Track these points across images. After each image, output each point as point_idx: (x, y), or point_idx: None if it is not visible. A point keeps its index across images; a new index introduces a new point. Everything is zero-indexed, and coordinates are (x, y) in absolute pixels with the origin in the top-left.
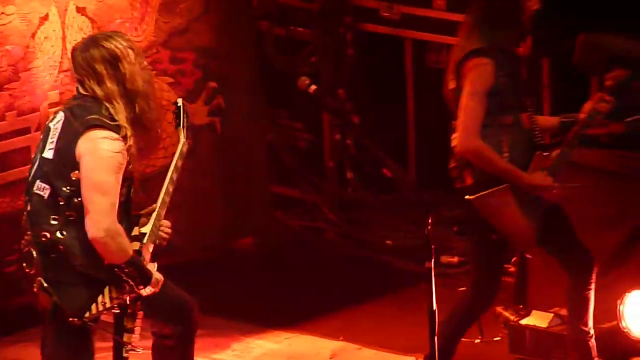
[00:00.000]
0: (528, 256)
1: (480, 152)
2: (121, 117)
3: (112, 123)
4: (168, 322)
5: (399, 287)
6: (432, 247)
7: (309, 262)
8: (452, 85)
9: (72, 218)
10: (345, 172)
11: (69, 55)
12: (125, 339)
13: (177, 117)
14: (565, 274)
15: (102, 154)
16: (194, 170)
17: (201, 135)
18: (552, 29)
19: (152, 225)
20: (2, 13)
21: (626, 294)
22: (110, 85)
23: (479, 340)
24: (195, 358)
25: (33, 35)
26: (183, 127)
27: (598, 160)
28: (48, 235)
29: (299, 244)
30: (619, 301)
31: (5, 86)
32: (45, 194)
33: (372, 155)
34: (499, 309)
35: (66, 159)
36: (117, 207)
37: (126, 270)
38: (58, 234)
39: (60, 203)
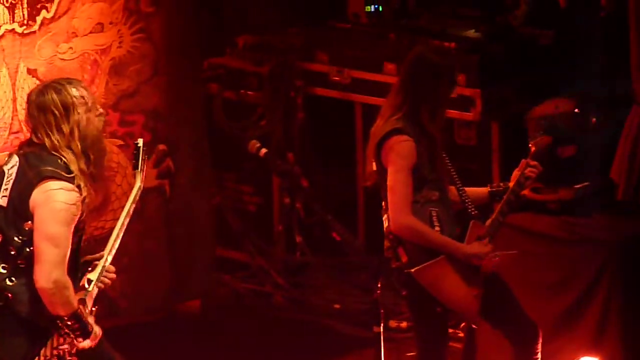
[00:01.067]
0: (474, 326)
1: (414, 228)
2: (74, 167)
3: (66, 175)
4: None
5: (346, 351)
6: (381, 311)
7: (255, 327)
8: (374, 167)
9: (22, 266)
10: (294, 236)
11: (19, 116)
12: None
13: (136, 158)
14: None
15: (55, 206)
16: (141, 232)
17: (150, 198)
18: (501, 93)
19: (99, 273)
20: None
21: None
22: (58, 135)
23: None
24: None
25: None
26: (141, 170)
27: (547, 227)
28: None
29: (246, 308)
30: None
31: None
32: None
33: (321, 219)
34: None
35: (19, 210)
36: (67, 258)
37: (69, 322)
38: (7, 281)
39: (12, 252)
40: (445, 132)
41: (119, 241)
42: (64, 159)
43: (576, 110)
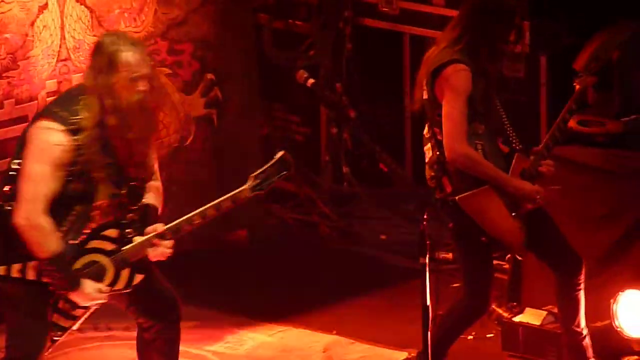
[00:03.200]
0: (519, 258)
1: (471, 157)
2: (86, 114)
3: (65, 116)
4: (150, 316)
5: (391, 282)
6: (427, 242)
7: (302, 256)
8: (425, 95)
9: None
10: (341, 166)
11: (67, 44)
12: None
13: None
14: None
15: (38, 144)
16: (190, 161)
17: (198, 127)
18: (550, 26)
19: (144, 240)
20: (2, 1)
21: (619, 293)
22: (95, 81)
23: (471, 337)
24: (188, 349)
25: (32, 24)
26: (259, 177)
27: (594, 159)
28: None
29: (293, 238)
30: (612, 300)
31: (4, 74)
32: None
33: (368, 149)
34: (493, 306)
35: (20, 141)
36: (47, 198)
37: (47, 267)
38: (5, 206)
39: (11, 174)
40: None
41: (190, 226)
42: (83, 102)
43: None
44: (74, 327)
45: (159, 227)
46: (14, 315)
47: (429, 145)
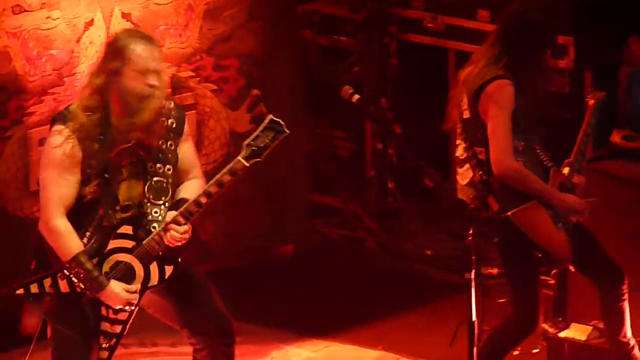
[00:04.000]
0: (571, 269)
1: (519, 172)
2: (75, 107)
3: (66, 113)
4: (203, 338)
5: (437, 297)
6: (472, 257)
7: (347, 271)
8: (465, 115)
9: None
10: (386, 182)
11: None
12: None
13: (263, 132)
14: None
15: (46, 149)
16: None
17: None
18: (595, 41)
19: (159, 229)
20: (48, 17)
21: None
22: (94, 78)
23: (517, 353)
24: None
25: (78, 40)
26: (253, 146)
27: (638, 174)
28: None
29: (338, 253)
30: None
31: (50, 90)
32: None
33: (413, 164)
34: None
35: None
36: (61, 202)
37: (72, 270)
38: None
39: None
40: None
41: (196, 208)
42: (87, 97)
43: None
44: (125, 332)
45: (172, 215)
46: (56, 330)
47: (466, 166)
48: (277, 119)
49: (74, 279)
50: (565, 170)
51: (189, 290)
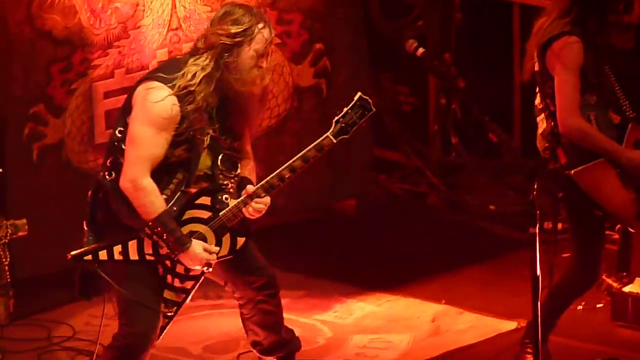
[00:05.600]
0: (631, 230)
1: (584, 130)
2: (194, 73)
3: (169, 77)
4: (246, 292)
5: (500, 252)
6: (537, 212)
7: (410, 226)
8: (536, 67)
9: (120, 161)
10: (450, 137)
11: (178, 13)
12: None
13: (352, 109)
14: None
15: (144, 104)
16: (298, 131)
17: (307, 97)
18: None
19: (238, 201)
20: None
21: None
22: (201, 44)
23: (581, 307)
24: (296, 318)
25: None
26: (342, 122)
27: None
28: (101, 174)
29: (401, 208)
30: None
31: (115, 44)
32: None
33: (477, 119)
34: (602, 276)
35: (126, 104)
36: (151, 161)
37: (152, 229)
38: (106, 176)
39: (115, 144)
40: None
41: (280, 182)
42: (190, 63)
43: None
44: (187, 301)
45: (251, 188)
46: (122, 296)
47: (542, 115)
48: (366, 97)
49: (155, 238)
50: None
51: (242, 247)
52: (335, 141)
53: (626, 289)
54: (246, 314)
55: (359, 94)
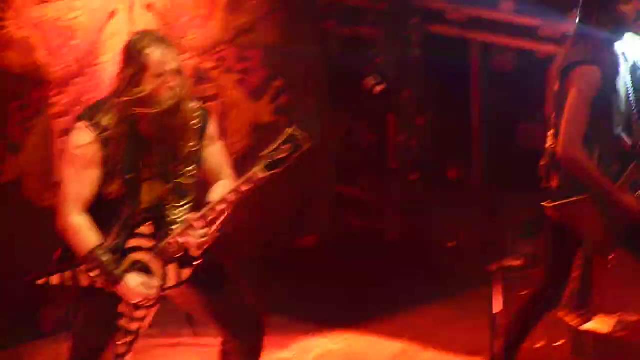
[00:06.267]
0: (610, 258)
1: (580, 163)
2: (113, 113)
3: (91, 114)
4: (231, 332)
5: (459, 289)
6: (496, 249)
7: (370, 263)
8: (556, 87)
9: None
10: (409, 173)
11: None
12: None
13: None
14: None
15: (67, 145)
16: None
17: (266, 134)
18: None
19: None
20: (71, 8)
21: None
22: (117, 80)
23: (539, 345)
24: None
25: (100, 31)
26: (271, 157)
27: None
28: None
29: (361, 244)
30: None
31: (72, 81)
32: None
33: (436, 157)
34: (561, 313)
35: None
36: (79, 200)
37: (88, 265)
38: None
39: None
40: None
41: (213, 214)
42: (110, 103)
43: None
44: (142, 330)
45: (190, 217)
46: (76, 318)
47: (552, 131)
48: (296, 133)
49: (90, 274)
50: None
51: (219, 283)
52: (261, 176)
53: (586, 326)
54: (227, 351)
55: (288, 130)
